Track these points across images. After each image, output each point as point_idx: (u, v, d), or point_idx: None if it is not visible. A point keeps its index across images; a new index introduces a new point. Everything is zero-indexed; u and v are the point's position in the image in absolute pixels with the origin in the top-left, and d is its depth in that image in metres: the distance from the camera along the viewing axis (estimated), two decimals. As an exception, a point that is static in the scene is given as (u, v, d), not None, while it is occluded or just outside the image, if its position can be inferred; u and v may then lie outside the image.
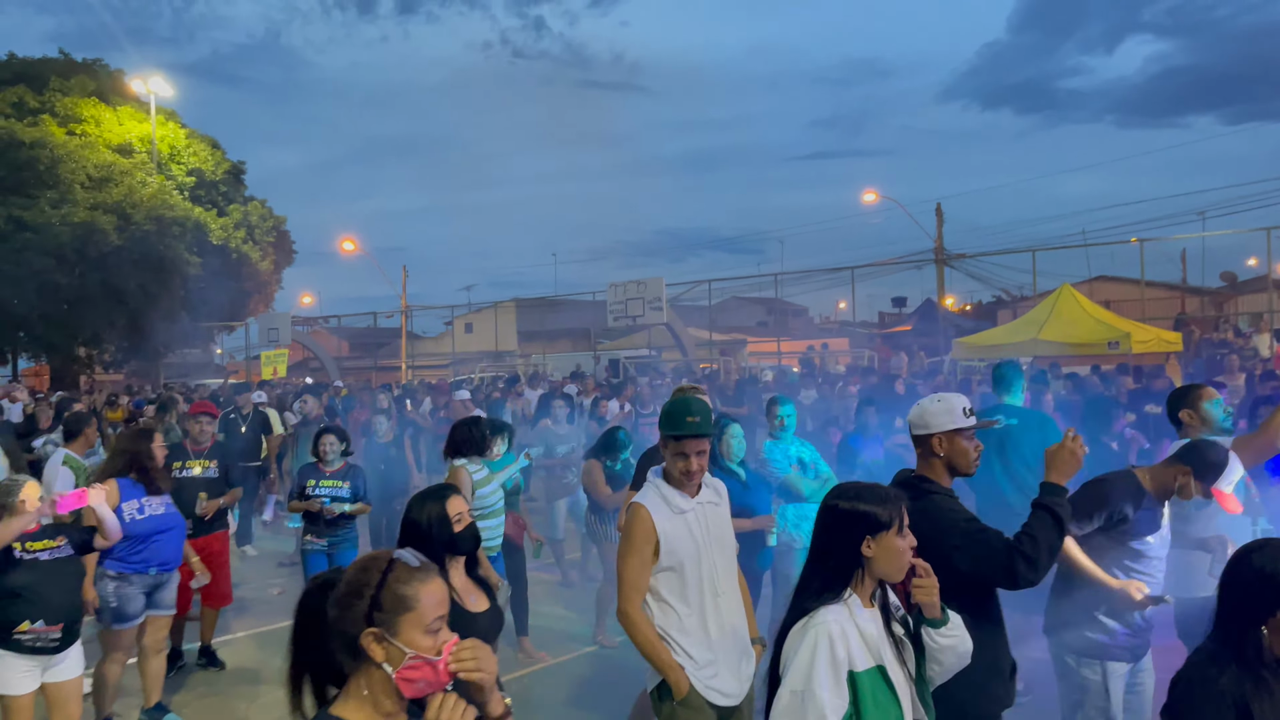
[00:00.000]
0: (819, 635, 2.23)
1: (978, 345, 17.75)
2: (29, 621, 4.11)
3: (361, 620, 1.66)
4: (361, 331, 43.40)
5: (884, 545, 2.32)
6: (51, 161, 30.92)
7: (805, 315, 51.88)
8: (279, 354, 24.80)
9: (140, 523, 5.12)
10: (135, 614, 5.16)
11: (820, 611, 2.28)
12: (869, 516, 2.33)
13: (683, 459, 3.19)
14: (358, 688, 1.70)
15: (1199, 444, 3.49)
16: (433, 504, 3.21)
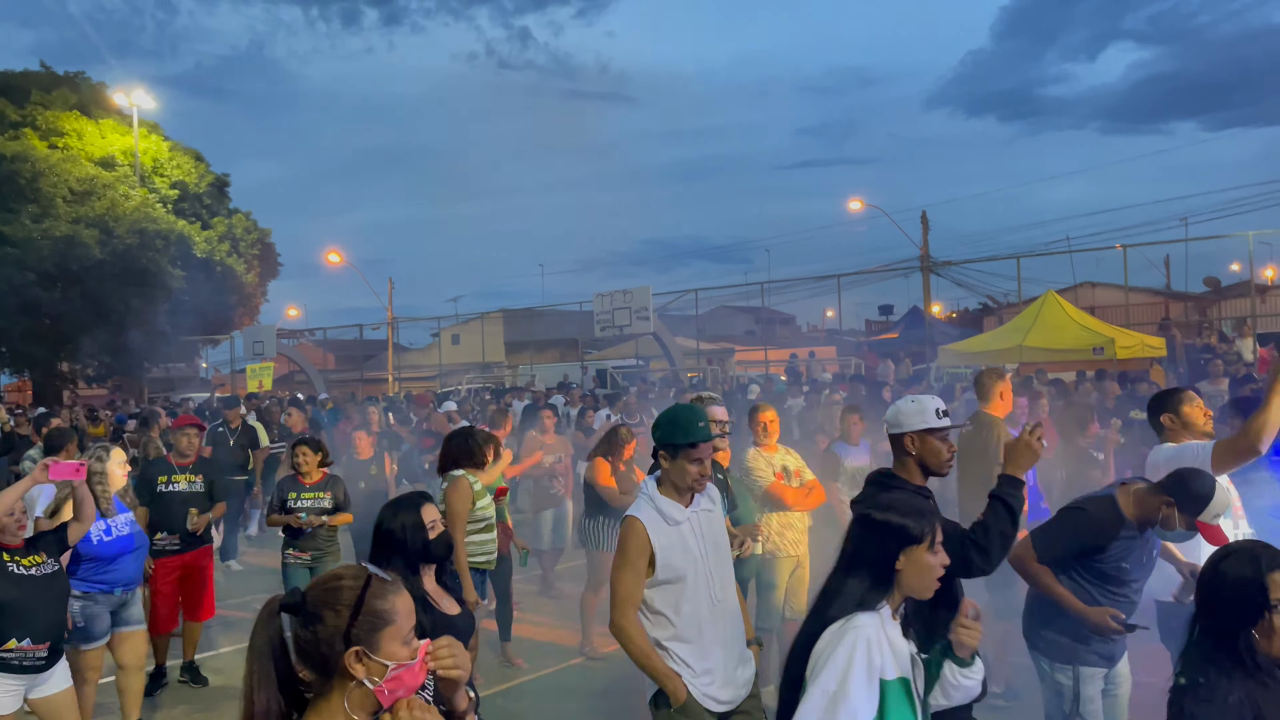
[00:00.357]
0: (858, 638, 2.24)
1: (963, 352, 17.80)
2: (15, 639, 4.06)
3: (339, 639, 1.64)
4: (347, 344, 43.26)
5: (914, 560, 2.32)
6: (33, 175, 30.74)
7: (792, 324, 52.00)
8: (264, 367, 24.65)
9: (108, 544, 5.08)
10: (102, 633, 5.10)
11: (858, 616, 2.28)
12: (902, 529, 2.32)
13: (697, 464, 3.20)
14: (330, 706, 1.67)
15: (1183, 474, 3.36)
16: (406, 512, 3.21)
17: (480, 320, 35.85)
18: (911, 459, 3.14)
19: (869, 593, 2.31)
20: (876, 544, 2.33)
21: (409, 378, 35.58)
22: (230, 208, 38.00)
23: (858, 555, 2.37)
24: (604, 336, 24.92)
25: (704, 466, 3.22)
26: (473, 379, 31.02)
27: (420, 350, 42.24)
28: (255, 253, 37.62)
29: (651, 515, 3.20)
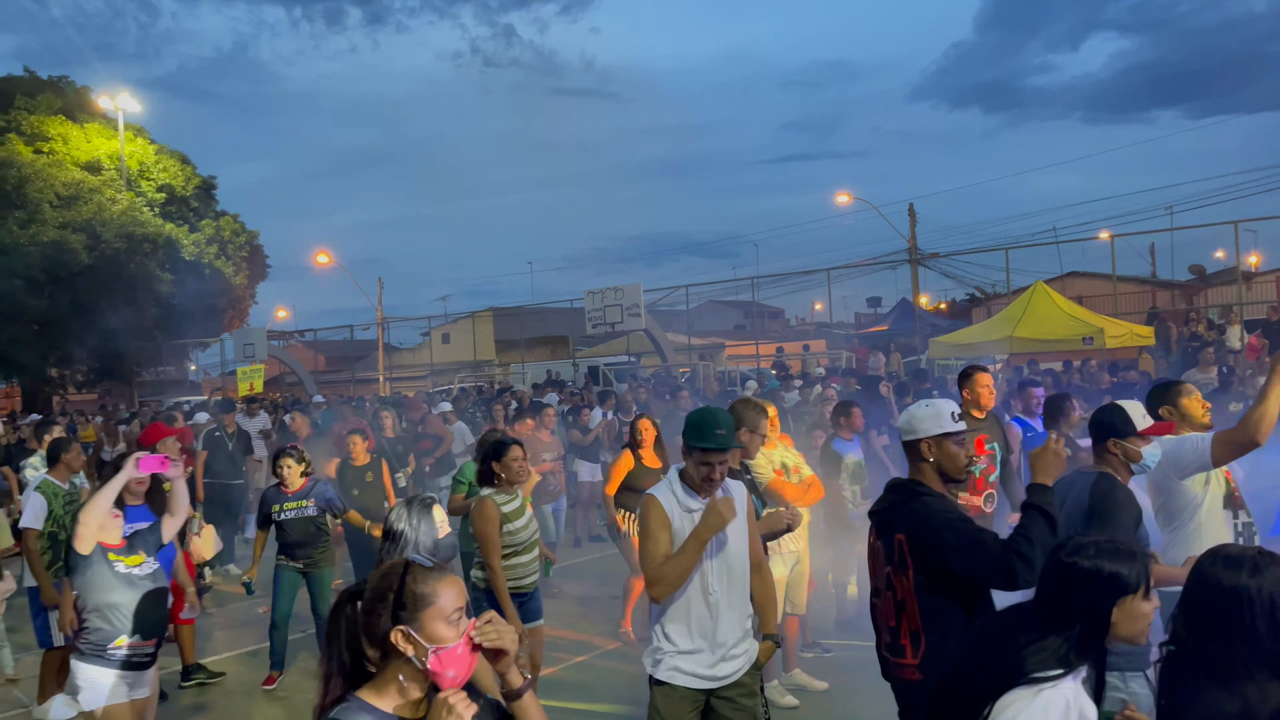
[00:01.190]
0: (1055, 702, 2.06)
1: (954, 344, 17.91)
2: (126, 636, 4.20)
3: (388, 619, 1.84)
4: (338, 344, 43.18)
5: (1129, 611, 2.14)
6: (19, 181, 30.54)
7: (782, 317, 52.15)
8: (255, 369, 24.62)
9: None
10: None
11: (1065, 682, 2.09)
12: (1115, 578, 2.13)
13: (706, 467, 3.37)
14: (386, 680, 1.88)
15: (1096, 417, 3.62)
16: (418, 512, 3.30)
17: (470, 319, 35.84)
18: (929, 465, 3.08)
19: (1076, 651, 2.12)
20: (1089, 597, 2.12)
21: (400, 378, 35.54)
22: (217, 210, 37.82)
23: (1064, 608, 2.14)
24: (596, 334, 24.93)
25: (713, 470, 3.37)
26: (464, 378, 31.01)
27: (411, 350, 42.19)
28: (244, 255, 37.46)
29: (669, 497, 3.42)
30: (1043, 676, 2.07)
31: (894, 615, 2.95)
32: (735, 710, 3.46)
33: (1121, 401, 3.67)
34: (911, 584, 2.88)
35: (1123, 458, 3.54)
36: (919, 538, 2.89)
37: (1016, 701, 2.07)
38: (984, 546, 2.82)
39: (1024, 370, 14.32)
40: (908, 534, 2.92)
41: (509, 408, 12.43)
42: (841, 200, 28.72)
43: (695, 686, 3.39)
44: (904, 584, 2.91)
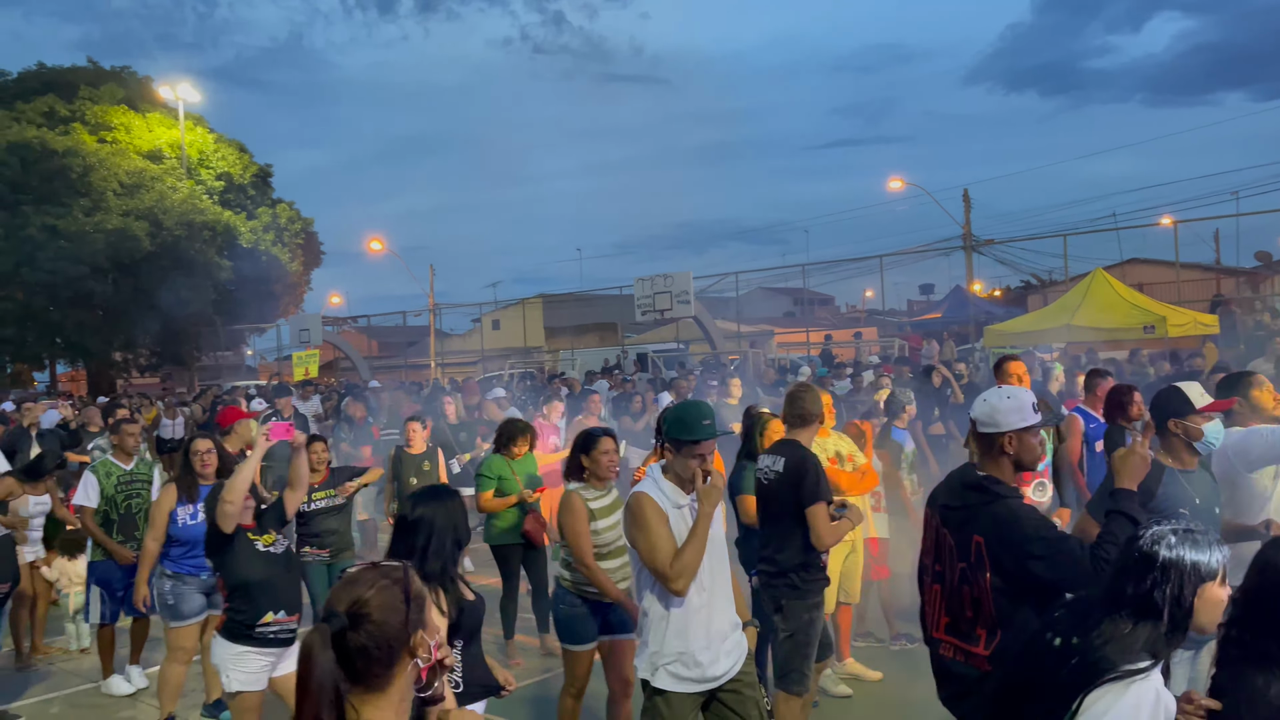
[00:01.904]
0: (1146, 693, 2.07)
1: (1010, 332, 17.63)
2: (272, 613, 4.29)
3: (401, 632, 1.71)
4: (390, 330, 43.74)
5: (1208, 598, 2.15)
6: (84, 169, 31.38)
7: (832, 304, 51.67)
8: (310, 354, 25.03)
9: (191, 528, 5.22)
10: (192, 612, 5.27)
11: (1154, 673, 2.10)
12: (1197, 567, 2.14)
13: (698, 460, 3.39)
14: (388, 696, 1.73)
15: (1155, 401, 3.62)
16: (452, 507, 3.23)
17: (520, 306, 36.08)
18: (1007, 458, 2.97)
19: (1161, 640, 2.11)
20: (1170, 585, 2.12)
21: (451, 363, 35.92)
22: (273, 198, 38.53)
23: (1145, 598, 2.14)
24: (645, 321, 24.95)
25: (705, 462, 3.40)
26: (514, 364, 31.25)
27: (461, 336, 42.60)
28: (299, 242, 38.13)
29: (658, 493, 3.43)
30: (1133, 669, 2.07)
31: (969, 606, 2.90)
32: (738, 701, 3.47)
33: (1180, 382, 3.64)
34: (987, 585, 2.83)
35: (1184, 437, 3.48)
36: (1002, 544, 2.80)
37: (1107, 695, 2.06)
38: (1071, 556, 2.74)
39: (1081, 359, 14.05)
40: (989, 538, 2.83)
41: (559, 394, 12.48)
42: (894, 186, 28.38)
43: (696, 690, 3.40)
44: (979, 583, 2.85)
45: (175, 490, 5.30)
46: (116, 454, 6.41)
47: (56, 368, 38.01)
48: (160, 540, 5.22)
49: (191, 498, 5.29)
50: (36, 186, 30.71)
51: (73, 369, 39.04)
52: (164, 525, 5.22)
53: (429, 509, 3.14)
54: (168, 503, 5.24)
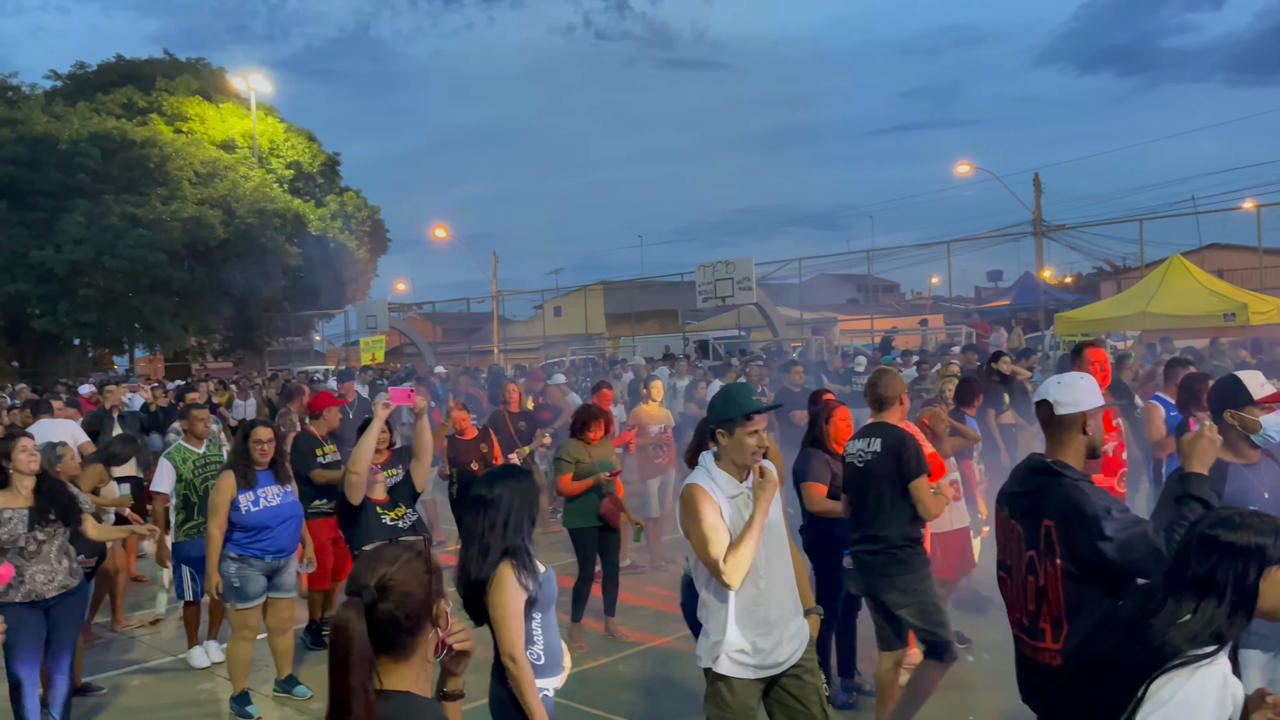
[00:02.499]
0: (1213, 677, 2.05)
1: (1082, 319, 17.18)
2: None
3: (426, 599, 1.82)
4: (454, 317, 44.33)
5: (1275, 581, 2.12)
6: (161, 159, 32.35)
7: (896, 291, 50.96)
8: (377, 340, 25.45)
9: (254, 514, 5.34)
10: (256, 594, 5.41)
11: (1221, 657, 2.07)
12: (1261, 550, 2.11)
13: (755, 436, 3.33)
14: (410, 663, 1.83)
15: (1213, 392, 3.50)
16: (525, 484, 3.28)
17: (582, 293, 36.26)
18: (1083, 440, 2.91)
19: (1226, 624, 2.08)
20: (1233, 569, 2.10)
21: (514, 349, 36.28)
22: (341, 186, 39.28)
23: (1208, 582, 2.12)
24: (706, 307, 24.87)
25: (760, 438, 3.34)
26: (575, 350, 31.44)
27: (524, 322, 43.01)
28: (366, 229, 38.83)
29: (710, 484, 3.38)
30: (1199, 654, 2.04)
31: (1033, 599, 2.85)
32: (799, 688, 3.45)
33: (1239, 371, 3.50)
34: (1059, 571, 2.77)
35: (1240, 429, 3.35)
36: (1072, 526, 2.74)
37: (1172, 681, 2.04)
38: (1144, 539, 2.67)
39: (1156, 348, 13.64)
40: (1059, 521, 2.76)
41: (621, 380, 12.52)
42: (961, 170, 27.81)
43: (759, 676, 3.38)
44: (1048, 570, 2.79)
45: (232, 476, 5.38)
46: (188, 438, 6.60)
47: (135, 352, 39.30)
48: (223, 527, 5.30)
49: (249, 484, 5.36)
50: (117, 176, 31.75)
51: (151, 353, 40.32)
52: (225, 512, 5.30)
53: (506, 487, 3.21)
54: (227, 489, 5.33)
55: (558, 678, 3.27)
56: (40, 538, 4.65)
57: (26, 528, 4.61)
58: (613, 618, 6.64)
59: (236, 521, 5.30)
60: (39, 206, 31.13)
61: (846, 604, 5.29)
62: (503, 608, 3.08)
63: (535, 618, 3.17)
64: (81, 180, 31.19)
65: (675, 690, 5.58)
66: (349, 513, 4.43)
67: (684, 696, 5.36)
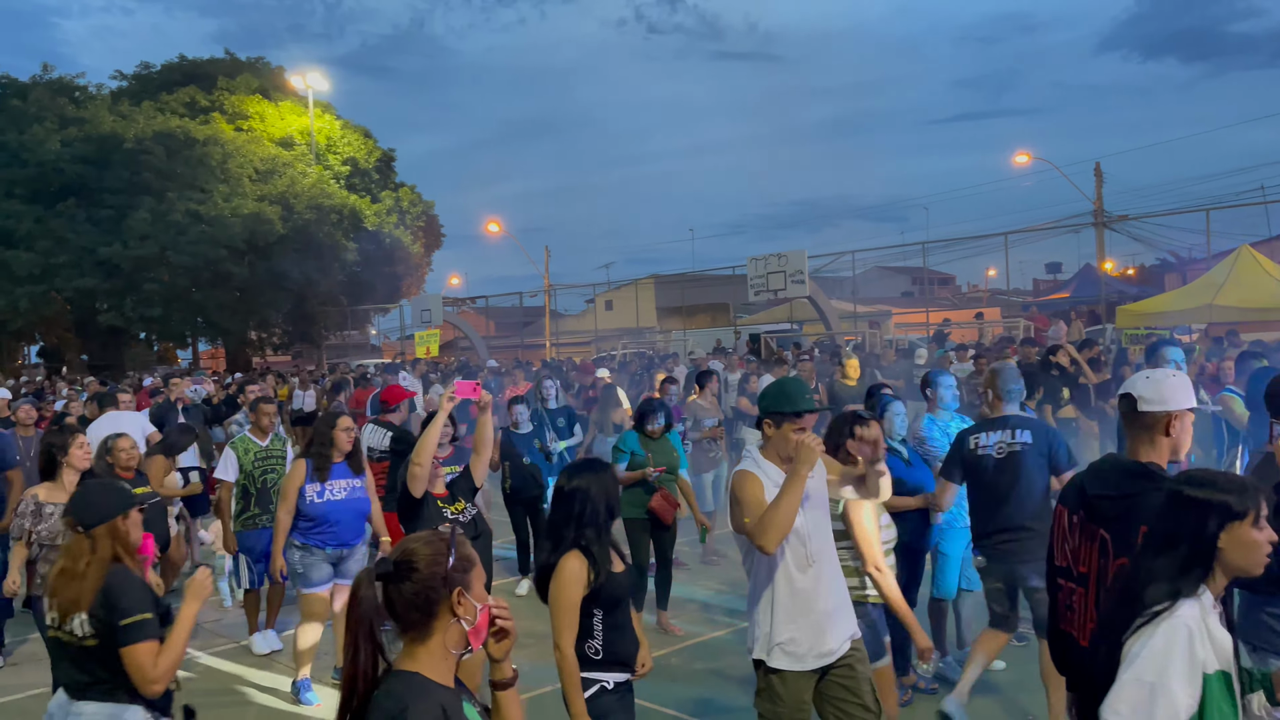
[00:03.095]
0: (1177, 627, 2.11)
1: (1144, 312, 16.77)
2: None
3: (440, 584, 1.87)
4: (507, 311, 44.63)
5: (1238, 537, 2.17)
6: (222, 157, 33.08)
7: (952, 284, 50.14)
8: (432, 334, 25.72)
9: (317, 505, 5.44)
10: (321, 581, 5.51)
11: (1182, 605, 2.14)
12: (1223, 505, 2.18)
13: (800, 433, 3.37)
14: (426, 650, 1.89)
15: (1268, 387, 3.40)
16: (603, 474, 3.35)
17: (633, 286, 36.29)
18: (1168, 441, 2.77)
19: (1188, 576, 2.17)
20: (1194, 522, 2.19)
21: (565, 343, 36.46)
22: (396, 181, 39.78)
23: (1173, 536, 2.21)
24: (758, 301, 24.72)
25: (808, 434, 3.37)
26: (627, 344, 31.49)
27: (575, 316, 43.18)
28: (420, 224, 39.29)
29: (759, 471, 3.43)
30: (1159, 609, 2.13)
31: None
32: (851, 678, 3.43)
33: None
34: None
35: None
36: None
37: (1141, 636, 2.12)
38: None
39: (1224, 342, 13.25)
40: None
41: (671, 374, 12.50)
42: (1020, 160, 27.28)
43: (811, 667, 3.37)
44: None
45: (304, 465, 5.48)
46: (253, 430, 6.74)
47: (198, 345, 40.25)
48: (291, 512, 5.41)
49: (322, 475, 5.45)
50: (180, 173, 32.53)
51: (213, 346, 41.28)
52: (294, 498, 5.40)
53: (584, 480, 3.28)
54: (298, 477, 5.44)
55: (620, 673, 3.26)
56: None
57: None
58: (664, 611, 6.67)
59: (301, 510, 5.42)
60: (106, 204, 32.03)
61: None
62: (556, 597, 3.13)
63: (596, 613, 3.18)
64: (146, 178, 32.02)
65: (727, 684, 5.58)
66: (410, 506, 4.49)
67: (736, 691, 5.35)
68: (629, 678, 3.31)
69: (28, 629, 7.28)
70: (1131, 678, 2.10)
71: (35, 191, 32.12)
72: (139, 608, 2.94)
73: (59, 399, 16.93)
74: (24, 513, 4.76)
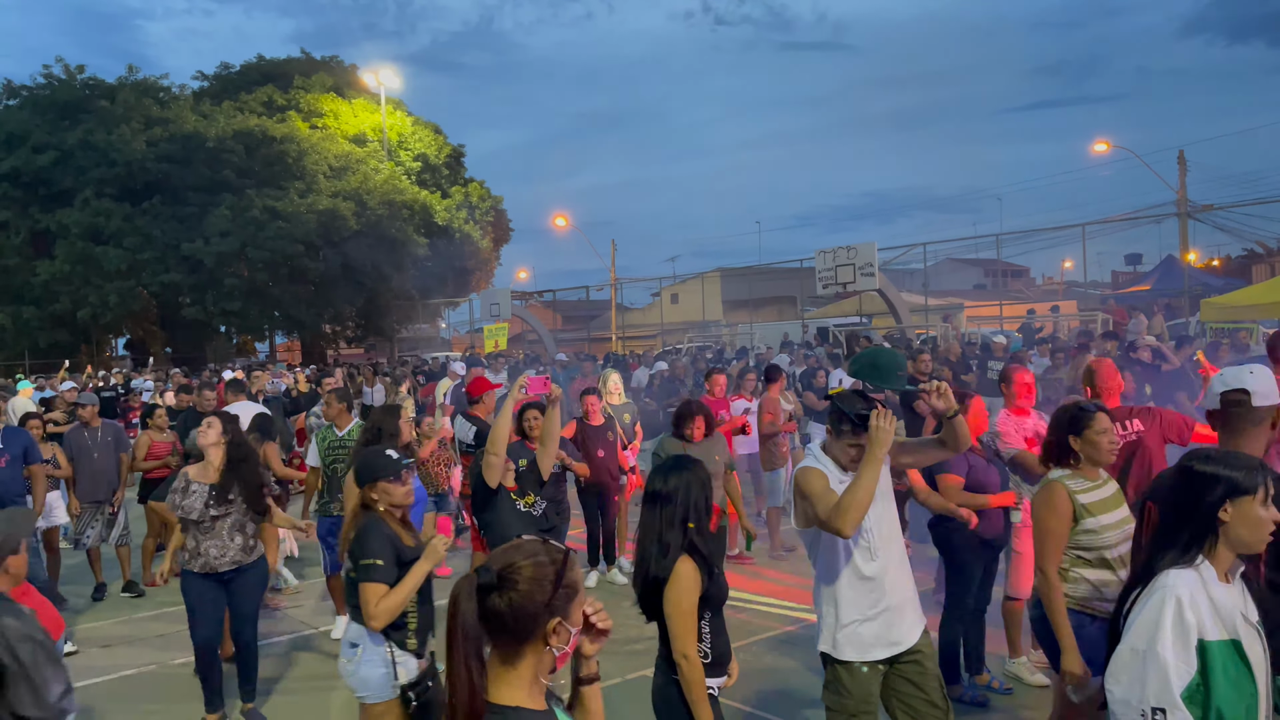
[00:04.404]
0: (1166, 597, 2.17)
1: (1230, 305, 16.17)
2: None
3: (543, 611, 1.74)
4: (573, 304, 45.00)
5: (1243, 512, 2.21)
6: (298, 154, 33.94)
7: (1026, 276, 49.03)
8: (500, 328, 26.04)
9: None
10: None
11: (1170, 574, 2.21)
12: (1229, 480, 2.23)
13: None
14: (517, 674, 1.76)
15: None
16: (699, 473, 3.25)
17: (699, 279, 36.24)
18: (1272, 434, 2.80)
19: (1186, 547, 2.23)
20: (1198, 495, 2.24)
21: (632, 337, 36.58)
22: (465, 177, 40.32)
23: (1177, 508, 2.28)
24: (826, 294, 24.48)
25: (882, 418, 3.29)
26: (692, 338, 31.46)
27: (641, 310, 43.27)
28: (489, 219, 39.76)
29: (823, 467, 3.42)
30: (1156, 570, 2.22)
31: None
32: (919, 674, 3.40)
33: None
34: (1262, 579, 2.64)
35: None
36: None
37: (1137, 605, 2.22)
38: None
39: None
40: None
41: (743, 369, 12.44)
42: (1098, 149, 26.56)
43: (879, 658, 3.36)
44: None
45: None
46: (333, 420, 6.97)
47: (275, 338, 41.38)
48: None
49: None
50: (258, 171, 33.48)
51: (289, 339, 42.38)
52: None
53: (681, 480, 3.19)
54: None
55: (723, 678, 3.23)
56: (215, 514, 4.87)
57: (204, 503, 4.86)
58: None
59: None
60: (189, 201, 33.11)
61: (977, 600, 5.17)
62: (678, 604, 3.05)
63: (706, 615, 3.15)
64: (227, 176, 33.01)
65: (796, 678, 5.57)
66: (484, 497, 4.55)
67: (805, 685, 5.35)
68: (724, 681, 3.24)
69: (132, 609, 7.61)
70: (1126, 647, 2.18)
71: (123, 190, 33.35)
72: (374, 554, 3.52)
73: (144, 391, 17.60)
74: (177, 488, 4.95)
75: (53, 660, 2.71)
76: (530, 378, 4.66)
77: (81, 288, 32.77)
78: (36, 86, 36.14)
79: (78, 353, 34.20)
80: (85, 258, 32.40)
